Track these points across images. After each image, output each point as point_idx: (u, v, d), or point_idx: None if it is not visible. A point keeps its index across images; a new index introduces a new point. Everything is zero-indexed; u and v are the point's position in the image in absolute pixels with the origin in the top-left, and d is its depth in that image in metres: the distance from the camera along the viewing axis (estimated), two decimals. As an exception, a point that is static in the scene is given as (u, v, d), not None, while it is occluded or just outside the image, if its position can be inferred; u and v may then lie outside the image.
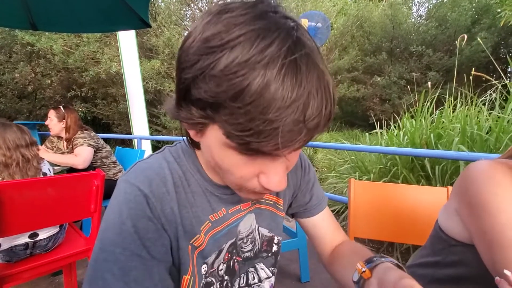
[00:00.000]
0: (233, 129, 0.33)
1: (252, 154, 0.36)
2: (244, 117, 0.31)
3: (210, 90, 0.32)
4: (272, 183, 0.39)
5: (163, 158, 0.51)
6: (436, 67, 7.68)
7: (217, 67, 0.31)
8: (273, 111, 0.30)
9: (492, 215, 0.55)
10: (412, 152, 1.95)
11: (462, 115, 2.29)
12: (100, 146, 2.26)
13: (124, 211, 0.44)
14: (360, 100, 8.97)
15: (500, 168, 0.59)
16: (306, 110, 0.31)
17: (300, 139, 0.33)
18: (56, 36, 4.95)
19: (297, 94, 0.30)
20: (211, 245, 0.52)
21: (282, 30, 0.32)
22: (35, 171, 1.37)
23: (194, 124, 0.38)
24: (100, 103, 6.04)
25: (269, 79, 0.30)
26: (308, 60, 0.32)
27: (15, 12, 2.15)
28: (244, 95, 0.30)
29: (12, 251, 1.25)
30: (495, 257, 0.52)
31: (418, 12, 9.42)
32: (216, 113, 0.33)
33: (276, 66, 0.30)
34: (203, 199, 0.51)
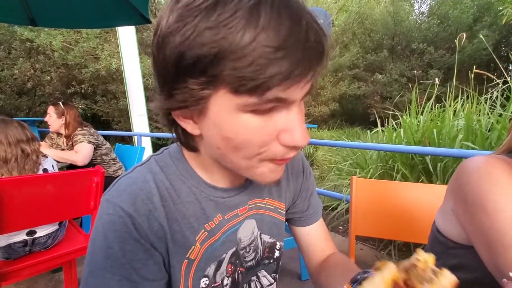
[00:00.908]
0: (245, 73, 0.31)
1: (267, 110, 0.35)
2: (252, 54, 0.30)
3: (209, 41, 0.31)
4: (296, 136, 0.37)
5: (148, 170, 0.47)
6: (438, 64, 7.65)
7: (210, 19, 0.31)
8: (278, 41, 0.30)
9: (490, 214, 0.53)
10: (413, 150, 1.95)
11: (467, 112, 2.28)
12: (100, 143, 2.25)
13: (109, 234, 0.42)
14: (361, 97, 8.96)
15: (496, 164, 0.57)
16: (307, 37, 0.32)
17: (306, 71, 0.33)
18: (55, 32, 4.92)
19: (295, 24, 0.31)
20: (209, 254, 0.49)
21: None
22: (33, 165, 1.35)
23: (196, 101, 0.36)
24: (100, 99, 6.03)
25: (261, 16, 0.30)
26: None
27: (14, 8, 2.13)
28: (245, 35, 0.30)
29: (11, 248, 1.25)
30: (498, 258, 0.51)
31: (420, 9, 9.39)
32: (221, 66, 0.32)
33: (266, 4, 0.31)
34: (196, 208, 0.48)
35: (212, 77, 0.33)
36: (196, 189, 0.48)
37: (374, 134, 3.33)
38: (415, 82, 3.24)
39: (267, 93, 0.32)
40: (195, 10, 0.32)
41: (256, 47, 0.30)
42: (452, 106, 2.53)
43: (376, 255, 2.19)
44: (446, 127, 2.31)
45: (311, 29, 0.32)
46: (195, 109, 0.37)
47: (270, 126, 0.36)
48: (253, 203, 0.55)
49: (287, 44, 0.31)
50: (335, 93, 8.37)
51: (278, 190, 0.59)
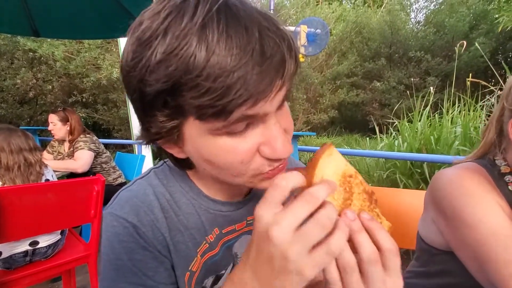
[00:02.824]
0: (203, 102, 0.31)
1: (240, 131, 0.34)
2: (206, 81, 0.30)
3: (162, 76, 0.31)
4: (276, 148, 0.35)
5: (148, 183, 0.48)
6: (435, 72, 7.72)
7: (159, 51, 0.31)
8: (231, 62, 0.29)
9: (471, 226, 0.53)
10: (410, 157, 1.96)
11: (465, 119, 2.30)
12: (101, 151, 2.27)
13: (116, 246, 0.42)
14: (360, 105, 9.00)
15: (466, 175, 0.58)
16: (264, 49, 0.30)
17: (272, 82, 0.31)
18: (57, 42, 4.99)
19: (247, 38, 0.30)
20: (208, 266, 0.49)
21: None
22: (37, 175, 1.37)
23: (169, 132, 0.36)
24: (100, 108, 6.06)
25: (210, 38, 0.29)
26: (241, 5, 0.32)
27: (18, 19, 2.18)
28: (197, 60, 0.29)
29: (11, 258, 1.25)
30: (488, 274, 0.51)
31: (416, 18, 9.51)
32: (179, 97, 0.32)
33: (213, 25, 0.30)
34: (196, 220, 0.48)
35: (175, 108, 0.33)
36: (195, 201, 0.48)
37: (373, 141, 3.34)
38: (412, 89, 3.28)
39: (232, 115, 0.32)
40: (146, 43, 0.32)
41: (210, 73, 0.29)
42: (449, 113, 2.56)
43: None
44: (443, 134, 2.33)
45: (265, 39, 0.31)
46: (171, 138, 0.38)
47: (247, 143, 0.35)
48: (251, 219, 0.54)
49: (240, 64, 0.29)
50: (334, 100, 8.42)
51: None
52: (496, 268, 0.49)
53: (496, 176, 0.60)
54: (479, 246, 0.52)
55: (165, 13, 0.32)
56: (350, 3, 11.77)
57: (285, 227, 0.27)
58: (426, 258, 0.68)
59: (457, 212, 0.56)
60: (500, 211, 0.53)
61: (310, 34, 4.13)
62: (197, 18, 0.30)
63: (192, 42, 0.30)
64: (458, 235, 0.56)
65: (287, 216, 0.28)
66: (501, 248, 0.50)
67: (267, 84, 0.31)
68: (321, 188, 0.29)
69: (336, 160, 0.33)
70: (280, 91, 0.34)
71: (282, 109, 0.38)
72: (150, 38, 0.32)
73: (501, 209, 0.54)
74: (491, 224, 0.52)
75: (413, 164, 2.28)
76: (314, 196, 0.28)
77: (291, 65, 0.33)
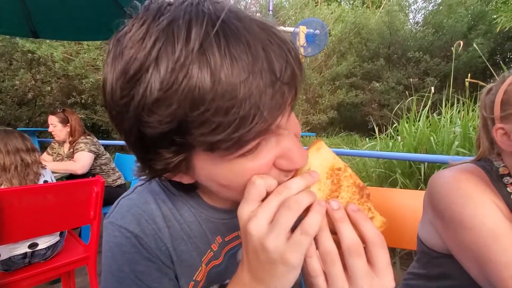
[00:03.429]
0: (215, 138, 0.27)
1: (253, 148, 0.31)
2: (216, 116, 0.26)
3: (164, 116, 0.27)
4: (294, 158, 0.33)
5: (148, 190, 0.45)
6: (434, 72, 7.75)
7: (154, 88, 0.26)
8: (241, 89, 0.26)
9: (470, 228, 0.53)
10: (409, 157, 1.96)
11: (464, 119, 2.31)
12: (101, 153, 2.27)
13: (118, 257, 0.41)
14: (359, 105, 9.02)
15: (463, 177, 0.58)
16: (273, 67, 0.27)
17: (285, 97, 0.29)
18: (56, 43, 4.99)
19: (253, 58, 0.26)
20: (212, 275, 0.48)
21: (189, 13, 0.28)
22: (34, 176, 1.36)
23: (176, 166, 0.33)
24: (99, 109, 6.06)
25: (212, 64, 0.25)
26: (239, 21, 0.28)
27: (16, 20, 2.18)
28: (202, 93, 0.25)
29: (10, 260, 1.24)
30: (490, 276, 0.51)
31: (414, 19, 9.55)
32: (187, 135, 0.28)
33: (213, 48, 0.26)
34: (199, 229, 0.46)
35: (182, 144, 0.30)
36: (195, 210, 0.47)
37: (372, 141, 3.35)
38: (411, 89, 3.28)
39: (249, 144, 0.29)
40: (136, 78, 0.27)
41: (219, 106, 0.26)
42: (448, 114, 2.56)
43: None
44: (442, 134, 2.34)
45: (272, 56, 0.28)
46: (180, 171, 0.35)
47: (263, 159, 0.33)
48: None
49: (251, 90, 0.26)
50: (333, 101, 8.44)
51: None
52: (496, 270, 0.49)
53: (495, 178, 0.60)
54: (478, 248, 0.52)
55: (152, 40, 0.27)
56: (349, 4, 11.81)
57: (260, 220, 0.28)
58: (426, 261, 0.68)
59: (455, 214, 0.56)
60: (498, 212, 0.53)
61: (309, 35, 4.14)
62: (193, 43, 0.26)
63: (192, 72, 0.25)
64: (456, 237, 0.56)
65: (261, 209, 0.29)
66: (500, 250, 0.50)
67: (281, 103, 0.28)
68: (296, 179, 0.30)
69: (324, 154, 0.34)
70: (292, 102, 0.32)
71: (290, 116, 0.36)
72: (139, 72, 0.27)
73: (499, 210, 0.54)
74: (490, 226, 0.52)
75: (412, 164, 2.28)
76: (287, 187, 0.29)
77: (299, 74, 0.31)
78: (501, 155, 0.63)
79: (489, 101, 0.63)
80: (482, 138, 0.66)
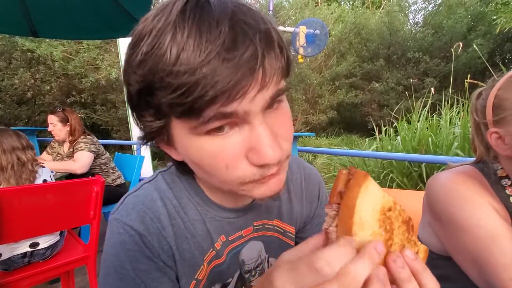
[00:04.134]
0: (172, 100, 0.30)
1: (222, 131, 0.32)
2: (174, 80, 0.29)
3: (139, 76, 0.32)
4: (263, 152, 0.32)
5: (155, 187, 0.46)
6: (433, 73, 7.75)
7: (141, 52, 0.31)
8: (198, 58, 0.28)
9: (467, 230, 0.53)
10: (409, 158, 1.96)
11: (463, 120, 2.31)
12: (101, 152, 2.27)
13: (121, 254, 0.41)
14: (358, 105, 9.02)
15: (460, 179, 0.59)
16: (233, 43, 0.29)
17: (247, 79, 0.29)
18: (56, 42, 4.98)
19: (216, 34, 0.29)
20: (214, 275, 0.48)
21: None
22: (29, 174, 1.35)
23: (158, 132, 0.36)
24: (99, 109, 6.05)
25: (179, 36, 0.29)
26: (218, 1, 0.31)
27: (16, 19, 2.18)
28: (167, 60, 0.29)
29: (10, 260, 1.24)
30: (489, 278, 0.51)
31: (414, 20, 9.54)
32: (154, 97, 0.32)
33: (184, 22, 0.30)
34: (203, 227, 0.47)
35: (156, 108, 0.33)
36: (201, 208, 0.47)
37: (372, 141, 3.35)
38: (411, 90, 3.28)
39: (204, 113, 0.30)
40: (135, 46, 0.33)
41: (179, 71, 0.29)
42: (448, 114, 2.57)
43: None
44: (442, 134, 2.34)
45: (238, 33, 0.29)
46: (163, 138, 0.38)
47: (231, 146, 0.33)
48: (260, 224, 0.52)
49: (208, 59, 0.28)
50: (333, 101, 8.44)
51: (290, 213, 0.56)
52: (495, 272, 0.49)
53: (493, 180, 0.60)
54: (477, 250, 0.52)
55: (153, 15, 0.32)
56: (349, 4, 11.82)
57: None
58: (426, 262, 0.68)
59: (453, 216, 0.56)
60: (495, 214, 0.53)
61: (309, 35, 4.14)
62: (171, 17, 0.30)
63: (165, 41, 0.30)
64: (454, 239, 0.57)
65: None
66: (499, 252, 0.50)
67: (239, 80, 0.29)
68: (359, 264, 0.24)
69: (373, 193, 0.28)
70: (263, 89, 0.31)
71: (276, 110, 0.35)
72: (137, 41, 0.32)
73: (497, 213, 0.54)
74: (488, 228, 0.52)
75: (411, 165, 2.28)
76: (350, 275, 0.24)
77: (272, 61, 0.31)
78: (496, 159, 0.63)
79: (480, 106, 0.63)
80: (476, 142, 0.67)
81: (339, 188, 0.30)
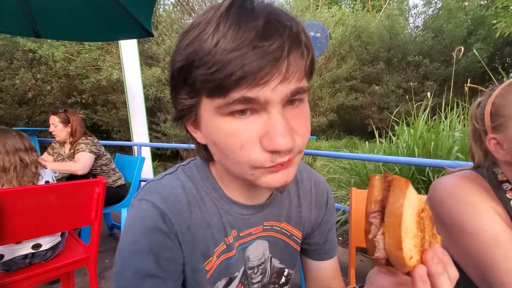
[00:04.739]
0: (204, 76, 0.35)
1: (243, 115, 0.36)
2: (211, 59, 0.34)
3: (183, 56, 0.37)
4: (274, 137, 0.35)
5: (176, 177, 0.49)
6: (433, 76, 7.77)
7: (189, 38, 0.37)
8: (233, 44, 0.33)
9: (471, 234, 0.54)
10: (410, 161, 1.97)
11: (464, 122, 2.32)
12: (101, 153, 2.27)
13: (138, 228, 0.43)
14: (359, 108, 9.04)
15: (463, 184, 0.60)
16: (264, 34, 0.33)
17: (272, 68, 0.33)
18: (58, 43, 4.98)
19: (252, 26, 0.33)
20: (222, 268, 0.50)
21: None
22: (32, 176, 1.35)
23: (188, 110, 0.41)
24: (100, 109, 6.05)
25: (220, 29, 0.34)
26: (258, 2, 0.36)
27: (19, 20, 2.18)
28: (208, 44, 0.34)
29: (11, 261, 1.24)
30: (489, 280, 0.51)
31: (414, 23, 9.58)
32: (192, 74, 0.36)
33: (227, 18, 0.34)
34: (218, 220, 0.49)
35: (191, 85, 0.38)
36: (217, 202, 0.49)
37: (372, 144, 3.36)
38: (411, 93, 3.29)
39: (231, 93, 0.34)
40: (185, 34, 0.38)
41: (216, 52, 0.33)
42: (448, 118, 2.58)
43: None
44: (442, 138, 2.35)
45: (270, 27, 0.33)
46: (191, 117, 0.42)
47: (248, 129, 0.37)
48: (270, 225, 0.54)
49: (241, 45, 0.33)
50: (333, 103, 8.45)
51: (298, 217, 0.58)
52: (497, 276, 0.50)
53: (495, 184, 0.61)
54: (480, 254, 0.53)
55: (204, 12, 0.38)
56: (350, 8, 11.86)
57: None
58: None
59: (456, 220, 0.57)
60: (498, 218, 0.54)
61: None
62: (218, 12, 0.35)
63: (210, 30, 0.35)
64: (457, 243, 0.57)
65: None
66: (502, 256, 0.50)
67: (263, 68, 0.33)
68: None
69: (413, 199, 0.31)
70: (285, 82, 0.35)
71: (296, 108, 0.39)
72: (188, 30, 0.38)
73: (499, 217, 0.54)
74: (491, 232, 0.52)
75: (412, 168, 2.29)
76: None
77: (297, 58, 0.35)
78: (497, 163, 0.64)
79: (479, 114, 0.65)
80: (474, 149, 0.68)
81: (376, 195, 0.32)
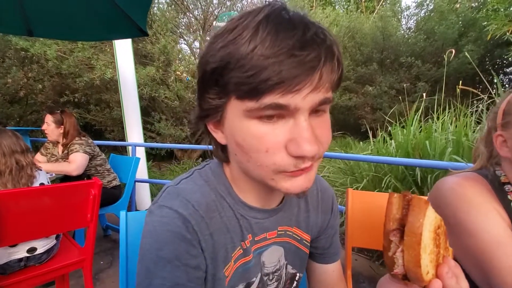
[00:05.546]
0: (240, 79, 0.36)
1: (272, 118, 0.37)
2: (248, 63, 0.35)
3: (219, 57, 0.37)
4: (301, 144, 0.37)
5: (193, 182, 0.49)
6: (425, 77, 7.88)
7: (224, 39, 0.37)
8: (271, 51, 0.34)
9: (473, 235, 0.55)
10: (404, 162, 2.00)
11: (460, 126, 2.36)
12: (96, 153, 2.25)
13: (161, 237, 0.42)
14: (352, 108, 9.11)
15: (468, 184, 0.61)
16: (302, 45, 0.34)
17: (305, 77, 0.35)
18: (50, 41, 4.90)
19: (290, 35, 0.34)
20: (240, 273, 0.49)
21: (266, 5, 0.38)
22: (28, 178, 1.32)
23: (215, 110, 0.41)
24: (93, 109, 5.97)
25: (258, 35, 0.35)
26: (294, 12, 0.38)
27: (12, 18, 2.15)
28: (245, 48, 0.35)
29: (6, 264, 1.23)
30: (491, 280, 0.52)
31: (407, 25, 9.68)
32: (226, 76, 0.37)
33: (266, 25, 0.35)
34: (236, 224, 0.49)
35: (222, 86, 0.39)
36: (233, 206, 0.49)
37: (365, 144, 3.39)
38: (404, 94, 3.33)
39: (264, 98, 0.35)
40: (218, 36, 0.39)
41: (253, 57, 0.34)
42: (440, 119, 2.62)
43: (371, 265, 2.22)
44: (434, 139, 2.39)
45: (308, 39, 0.35)
46: (216, 117, 0.43)
47: (275, 134, 0.38)
48: (283, 229, 0.54)
49: (279, 53, 0.34)
50: (328, 104, 8.50)
51: (307, 221, 0.59)
52: (499, 276, 0.51)
53: (497, 186, 0.62)
54: (482, 254, 0.54)
55: (238, 16, 0.39)
56: (344, 8, 11.94)
57: None
58: None
59: (459, 220, 0.58)
60: (501, 220, 0.55)
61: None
62: (257, 18, 0.36)
63: (247, 35, 0.36)
64: (461, 243, 0.58)
65: None
66: (504, 257, 0.51)
67: (298, 76, 0.34)
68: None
69: (431, 218, 0.32)
70: (315, 91, 0.37)
71: (319, 117, 0.41)
72: (222, 33, 0.39)
73: (502, 218, 0.56)
74: (494, 233, 0.54)
75: (406, 169, 2.32)
76: None
77: (329, 70, 0.37)
78: (500, 164, 0.66)
79: (492, 113, 0.67)
80: (481, 148, 0.69)
81: (394, 213, 0.34)
